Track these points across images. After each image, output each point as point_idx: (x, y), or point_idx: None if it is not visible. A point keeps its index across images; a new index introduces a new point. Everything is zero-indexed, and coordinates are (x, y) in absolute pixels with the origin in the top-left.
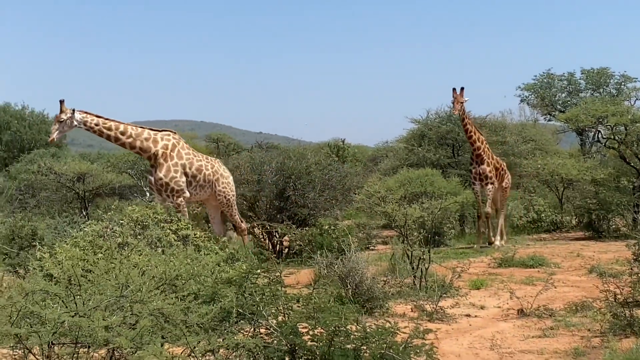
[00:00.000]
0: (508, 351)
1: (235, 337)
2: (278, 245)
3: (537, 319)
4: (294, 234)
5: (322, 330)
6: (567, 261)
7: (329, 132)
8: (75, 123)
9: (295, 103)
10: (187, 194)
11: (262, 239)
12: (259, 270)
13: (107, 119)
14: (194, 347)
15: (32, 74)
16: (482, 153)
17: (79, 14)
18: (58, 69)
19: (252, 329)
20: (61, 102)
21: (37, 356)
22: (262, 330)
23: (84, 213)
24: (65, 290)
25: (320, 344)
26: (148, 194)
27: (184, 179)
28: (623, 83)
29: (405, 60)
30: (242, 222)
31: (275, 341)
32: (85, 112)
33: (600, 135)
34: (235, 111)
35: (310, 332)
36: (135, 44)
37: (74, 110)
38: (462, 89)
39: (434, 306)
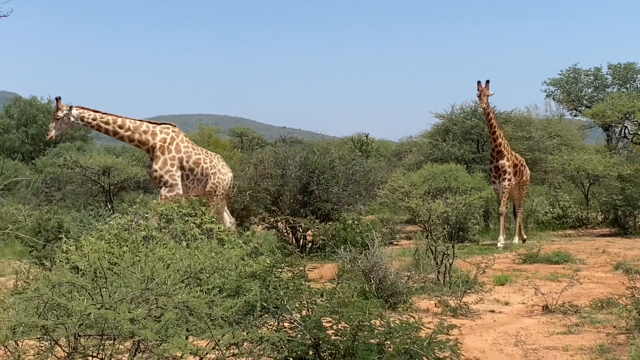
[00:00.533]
0: (532, 347)
1: (259, 331)
2: (301, 240)
3: (562, 316)
4: (318, 228)
5: (345, 325)
6: (592, 257)
7: (352, 126)
8: (73, 119)
9: (319, 98)
10: (180, 191)
11: (286, 234)
12: (283, 265)
13: (104, 114)
14: (219, 340)
15: (58, 68)
16: (503, 149)
17: (105, 9)
18: (83, 63)
19: (276, 323)
20: (57, 99)
21: (63, 348)
22: (286, 324)
23: (109, 206)
24: (91, 283)
25: (344, 338)
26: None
27: (179, 173)
28: None
29: (430, 55)
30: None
31: (299, 335)
32: (82, 108)
33: (627, 131)
34: (259, 105)
35: (334, 327)
36: (161, 39)
37: (70, 107)
38: (487, 82)
39: (458, 302)
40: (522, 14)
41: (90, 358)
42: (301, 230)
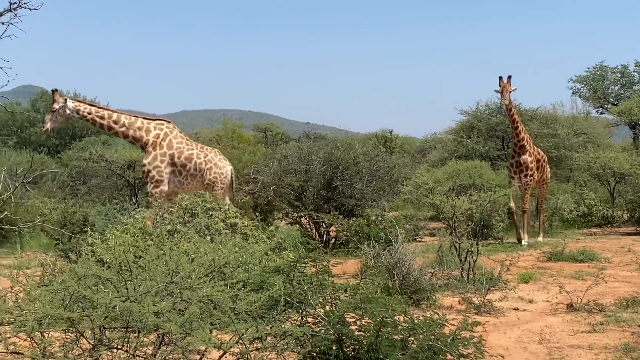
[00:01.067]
0: (557, 346)
1: (282, 325)
2: (325, 236)
3: (587, 314)
4: (341, 224)
5: (369, 321)
6: (617, 256)
7: (377, 122)
8: (68, 112)
9: (343, 93)
10: (166, 187)
11: (309, 229)
12: (306, 260)
13: (100, 108)
14: (242, 334)
15: (84, 63)
16: (525, 143)
17: (133, 4)
18: (108, 58)
19: (300, 318)
20: (53, 91)
21: (88, 340)
22: (310, 319)
23: (134, 200)
24: (116, 276)
25: (368, 334)
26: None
27: (168, 169)
28: None
29: (456, 51)
30: None
31: (322, 330)
32: (79, 101)
33: None
34: (283, 101)
35: (358, 322)
36: (186, 35)
37: (66, 100)
38: (509, 77)
39: (482, 299)
40: (549, 10)
41: (115, 350)
42: (324, 226)
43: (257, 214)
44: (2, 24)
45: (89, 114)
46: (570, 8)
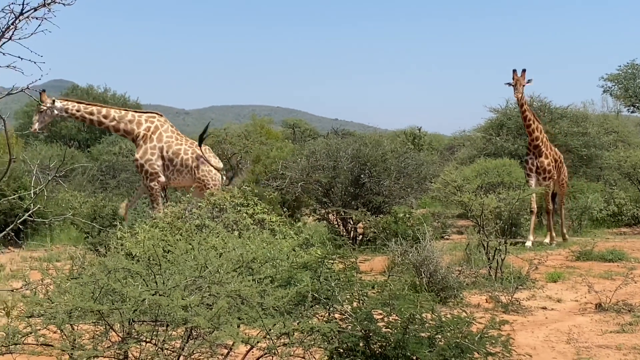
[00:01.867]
0: (585, 345)
1: (310, 321)
2: (352, 232)
3: (616, 314)
4: (369, 221)
5: (396, 318)
6: None
7: (405, 119)
8: (57, 112)
9: (372, 90)
10: (163, 178)
11: (337, 226)
12: (334, 256)
13: (88, 104)
14: (270, 330)
15: (115, 58)
16: (541, 144)
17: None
18: (138, 54)
19: (327, 314)
20: (41, 92)
21: (117, 332)
22: (337, 316)
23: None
24: (146, 269)
25: (395, 331)
26: (224, 177)
27: (160, 162)
28: None
29: (485, 47)
30: None
31: (349, 326)
32: (67, 100)
33: None
34: (311, 97)
35: (385, 319)
36: (216, 30)
37: (54, 101)
38: (523, 70)
39: (510, 298)
40: (580, 7)
41: (143, 343)
42: (352, 223)
43: (285, 209)
44: (37, 18)
45: (78, 111)
46: (603, 5)
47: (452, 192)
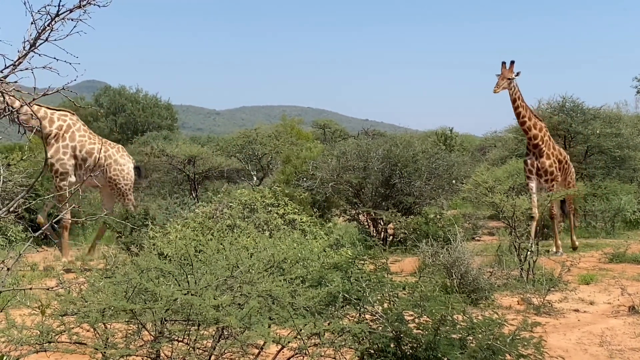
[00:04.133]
0: (618, 348)
1: (340, 322)
2: (383, 233)
3: None
4: (399, 221)
5: (427, 319)
6: None
7: (436, 120)
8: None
9: (403, 90)
10: (73, 178)
11: (367, 226)
12: (365, 257)
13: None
14: (300, 330)
15: (147, 59)
16: (541, 143)
17: (196, 2)
18: (173, 54)
19: (358, 315)
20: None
21: (150, 332)
22: (368, 316)
23: (194, 195)
24: (178, 269)
25: (426, 332)
26: (255, 177)
27: (72, 162)
28: None
29: (517, 49)
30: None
31: (380, 327)
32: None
33: None
34: (342, 98)
35: (416, 320)
36: (247, 32)
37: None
38: (512, 62)
39: (542, 300)
40: (615, 8)
41: (175, 342)
42: (382, 223)
43: (315, 210)
44: (72, 20)
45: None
46: (637, 5)
47: (483, 193)
